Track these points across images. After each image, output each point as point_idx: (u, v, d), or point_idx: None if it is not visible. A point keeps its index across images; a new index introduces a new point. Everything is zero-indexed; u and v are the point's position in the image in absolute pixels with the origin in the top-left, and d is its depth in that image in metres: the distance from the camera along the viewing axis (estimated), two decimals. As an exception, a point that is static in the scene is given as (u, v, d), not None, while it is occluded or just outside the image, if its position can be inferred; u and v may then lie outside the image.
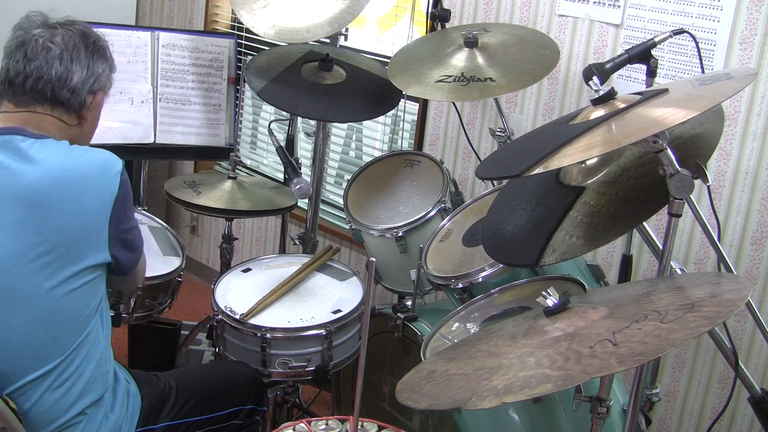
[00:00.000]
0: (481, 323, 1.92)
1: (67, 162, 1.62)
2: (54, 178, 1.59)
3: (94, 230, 1.62)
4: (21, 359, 1.60)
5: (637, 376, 1.51)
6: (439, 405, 1.30)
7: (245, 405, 1.97)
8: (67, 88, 1.67)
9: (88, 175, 1.62)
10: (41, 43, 1.67)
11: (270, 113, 3.64)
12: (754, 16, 2.21)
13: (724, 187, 2.32)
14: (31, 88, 1.66)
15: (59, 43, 1.68)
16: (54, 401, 1.63)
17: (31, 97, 1.66)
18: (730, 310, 1.23)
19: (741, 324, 2.34)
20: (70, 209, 1.59)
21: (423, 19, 2.67)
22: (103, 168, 1.64)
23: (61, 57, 1.67)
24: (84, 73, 1.69)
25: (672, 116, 1.35)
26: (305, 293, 2.31)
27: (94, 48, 1.73)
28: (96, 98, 1.73)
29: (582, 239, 1.56)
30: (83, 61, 1.70)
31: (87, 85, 1.70)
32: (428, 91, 2.24)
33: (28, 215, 1.57)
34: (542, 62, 2.23)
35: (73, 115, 1.71)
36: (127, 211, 1.69)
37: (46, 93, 1.66)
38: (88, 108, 1.72)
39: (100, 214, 1.62)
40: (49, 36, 1.68)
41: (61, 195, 1.59)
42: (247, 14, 2.54)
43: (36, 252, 1.57)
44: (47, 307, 1.60)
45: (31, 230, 1.57)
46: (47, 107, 1.67)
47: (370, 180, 2.57)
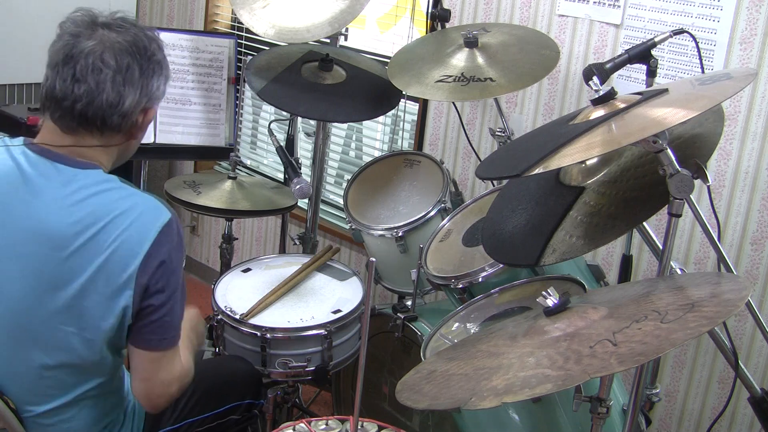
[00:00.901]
0: (481, 323, 1.92)
1: (109, 204, 1.52)
2: (89, 221, 1.49)
3: (117, 286, 1.50)
4: (42, 393, 1.56)
5: (637, 376, 1.51)
6: (439, 405, 1.30)
7: (243, 400, 1.96)
8: (118, 114, 1.53)
9: (124, 221, 1.50)
10: (91, 63, 1.50)
11: (270, 113, 3.64)
12: (754, 16, 2.21)
13: (724, 187, 2.32)
14: (79, 114, 1.51)
15: (111, 65, 1.51)
16: (76, 422, 1.62)
17: (78, 123, 1.52)
18: (730, 310, 1.23)
19: (741, 324, 2.34)
20: (97, 259, 1.48)
21: (423, 19, 2.67)
22: (143, 212, 1.53)
23: (113, 80, 1.51)
24: (137, 94, 1.55)
25: (672, 116, 1.35)
26: (305, 293, 2.31)
27: (149, 64, 1.57)
28: (148, 116, 1.60)
29: (582, 239, 1.56)
30: (137, 82, 1.54)
31: (140, 106, 1.56)
32: (428, 91, 2.24)
33: (53, 256, 1.48)
34: (542, 62, 2.23)
35: (122, 135, 1.58)
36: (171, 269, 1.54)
37: (96, 121, 1.52)
38: (139, 126, 1.60)
39: (129, 268, 1.50)
40: (100, 52, 1.51)
41: (91, 242, 1.48)
42: (247, 14, 2.54)
43: (58, 298, 1.50)
44: (66, 353, 1.54)
45: (50, 269, 1.48)
46: (96, 135, 1.54)
47: (370, 180, 2.57)
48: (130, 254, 1.49)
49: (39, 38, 3.66)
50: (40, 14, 3.63)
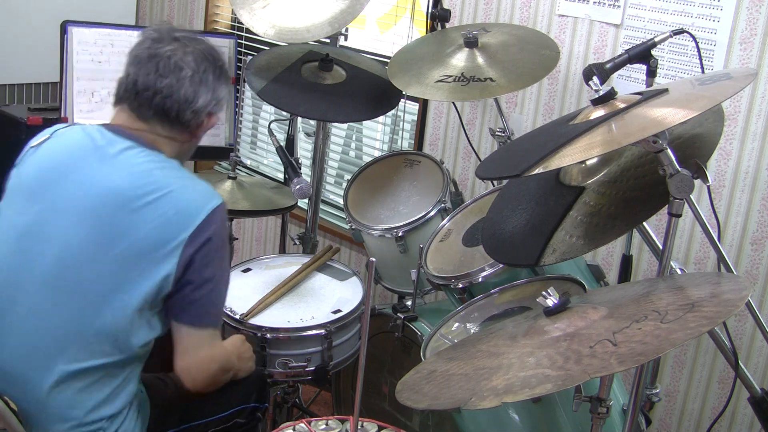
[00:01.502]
0: (481, 323, 1.92)
1: (169, 178, 1.67)
2: (151, 187, 1.63)
3: (166, 251, 1.61)
4: (62, 351, 1.61)
5: (637, 376, 1.51)
6: (439, 405, 1.30)
7: (248, 403, 1.95)
8: (191, 110, 1.71)
9: (179, 197, 1.65)
10: (174, 62, 1.69)
11: (270, 113, 3.64)
12: (754, 16, 2.21)
13: (724, 187, 2.32)
14: (158, 105, 1.69)
15: (191, 65, 1.71)
16: (83, 399, 1.64)
17: (154, 113, 1.70)
18: (730, 310, 1.23)
19: (741, 324, 2.34)
20: (152, 222, 1.61)
21: (423, 19, 2.67)
22: (196, 193, 1.68)
23: (192, 79, 1.70)
24: (209, 96, 1.74)
25: (672, 116, 1.35)
26: (305, 293, 2.31)
27: (221, 72, 1.77)
28: (211, 121, 1.78)
29: (582, 239, 1.56)
30: (210, 84, 1.74)
31: (209, 108, 1.75)
32: (428, 91, 2.24)
33: (115, 214, 1.61)
34: (542, 62, 2.23)
35: (187, 133, 1.76)
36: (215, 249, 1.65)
37: (171, 113, 1.70)
38: (202, 128, 1.77)
39: (179, 237, 1.61)
40: (181, 55, 1.71)
41: (150, 206, 1.62)
42: (247, 14, 2.54)
43: (108, 253, 1.61)
44: (95, 312, 1.61)
45: (108, 224, 1.61)
46: (166, 126, 1.72)
47: (370, 180, 2.57)
48: (183, 224, 1.62)
49: (39, 38, 3.70)
50: (40, 14, 3.63)
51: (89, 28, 2.78)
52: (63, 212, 1.63)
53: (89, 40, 2.78)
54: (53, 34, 2.82)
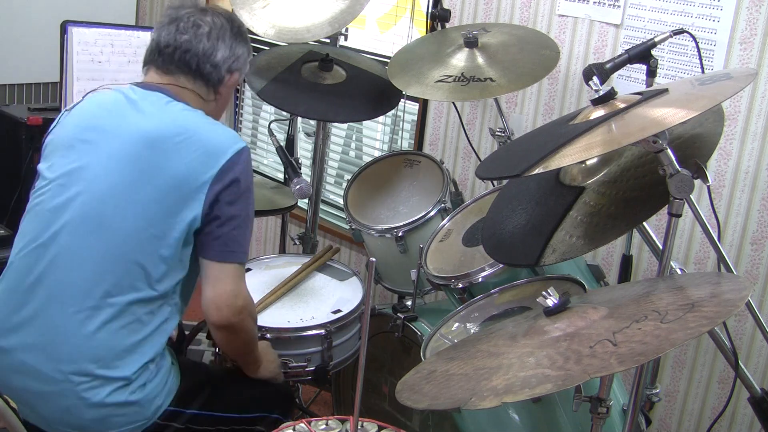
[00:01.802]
0: (481, 323, 1.92)
1: (197, 121, 1.78)
2: (180, 129, 1.73)
3: (194, 187, 1.70)
4: (98, 283, 1.69)
5: (637, 376, 1.51)
6: (439, 405, 1.30)
7: (272, 413, 1.95)
8: (210, 63, 1.82)
9: (206, 139, 1.74)
10: (192, 21, 1.82)
11: (270, 113, 3.64)
12: (754, 16, 2.21)
13: (724, 187, 2.32)
14: (179, 59, 1.81)
15: (208, 22, 1.83)
16: (114, 340, 1.69)
17: (177, 67, 1.82)
18: (730, 310, 1.23)
19: (741, 324, 2.34)
20: (182, 160, 1.70)
21: (423, 19, 2.67)
22: (222, 136, 1.77)
23: (209, 35, 1.82)
24: (227, 52, 1.84)
25: (672, 116, 1.35)
26: (305, 293, 2.31)
27: (239, 32, 1.88)
28: (233, 77, 1.88)
29: (582, 239, 1.56)
30: (228, 41, 1.84)
31: (227, 63, 1.85)
32: (428, 91, 2.24)
33: (149, 154, 1.71)
34: (542, 62, 2.23)
35: (211, 89, 1.86)
36: (242, 187, 1.74)
37: (192, 65, 1.81)
38: (225, 84, 1.88)
39: (206, 174, 1.70)
40: (199, 15, 1.83)
41: (180, 145, 1.71)
42: (247, 14, 2.54)
43: (142, 190, 1.69)
44: (129, 245, 1.69)
45: (145, 168, 1.70)
46: (189, 79, 1.83)
47: (370, 180, 2.57)
48: (210, 163, 1.71)
49: (39, 38, 3.70)
50: (40, 14, 3.63)
51: (89, 28, 2.78)
52: (100, 157, 1.73)
53: (89, 40, 2.78)
54: (53, 34, 2.83)
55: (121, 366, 1.69)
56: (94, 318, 1.67)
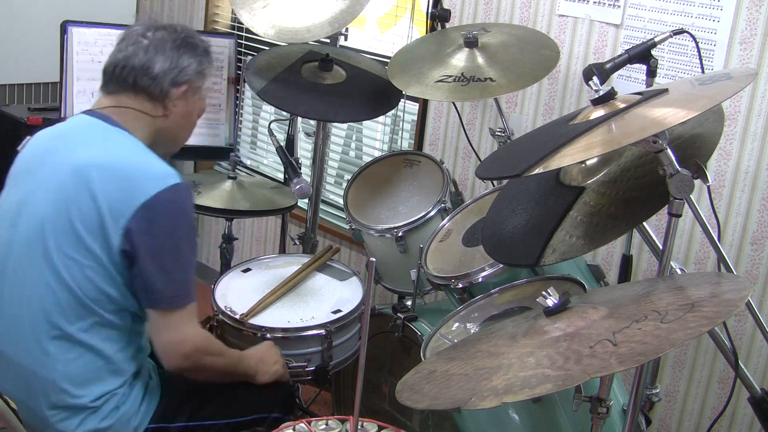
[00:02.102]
0: (481, 323, 1.92)
1: (128, 155, 1.72)
2: (108, 162, 1.69)
3: (113, 224, 1.65)
4: (47, 315, 1.68)
5: (637, 376, 1.51)
6: (439, 405, 1.30)
7: (270, 413, 1.93)
8: (148, 76, 1.76)
9: (133, 173, 1.69)
10: (134, 37, 1.78)
11: (270, 113, 3.64)
12: (754, 16, 2.21)
13: (724, 187, 2.32)
14: (118, 76, 1.77)
15: (150, 37, 1.78)
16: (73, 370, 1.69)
17: (116, 85, 1.78)
18: (730, 310, 1.23)
19: (741, 324, 2.34)
20: (105, 195, 1.65)
21: (423, 19, 2.67)
22: (149, 172, 1.69)
23: (147, 48, 1.77)
24: (167, 63, 1.77)
25: (672, 116, 1.35)
26: (305, 293, 2.31)
27: (183, 43, 1.81)
28: (179, 90, 1.80)
29: (582, 239, 1.56)
30: (168, 53, 1.78)
31: (169, 75, 1.78)
32: (428, 91, 2.24)
33: (76, 186, 1.67)
34: (542, 62, 2.23)
35: (157, 104, 1.79)
36: (163, 229, 1.67)
37: (129, 80, 1.76)
38: (170, 98, 1.79)
39: (125, 212, 1.65)
40: (143, 31, 1.79)
41: (104, 179, 1.66)
42: (247, 14, 2.54)
43: (71, 223, 1.66)
44: (67, 276, 1.66)
45: (70, 199, 1.67)
46: (131, 96, 1.77)
47: (370, 180, 2.57)
48: (132, 199, 1.64)
49: (39, 38, 3.70)
50: (40, 14, 3.63)
51: (89, 28, 2.78)
52: (40, 190, 1.72)
53: (89, 40, 2.78)
54: (53, 34, 2.82)
55: (86, 394, 1.69)
56: (49, 351, 1.67)
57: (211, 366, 1.79)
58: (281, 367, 1.99)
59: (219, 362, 1.82)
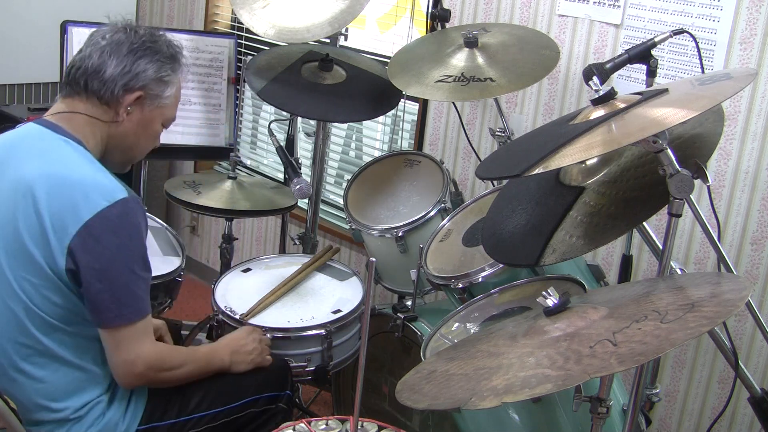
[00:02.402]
0: (481, 323, 1.92)
1: (67, 169, 1.65)
2: (51, 177, 1.63)
3: (58, 240, 1.60)
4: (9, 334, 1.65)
5: (637, 376, 1.51)
6: (439, 405, 1.30)
7: (261, 394, 1.90)
8: (99, 79, 1.71)
9: (76, 189, 1.62)
10: (95, 38, 1.74)
11: (270, 113, 3.64)
12: (754, 16, 2.21)
13: (724, 187, 2.32)
14: (72, 77, 1.73)
15: (108, 39, 1.73)
16: (46, 386, 1.66)
17: (71, 87, 1.73)
18: (730, 310, 1.23)
19: (741, 324, 2.34)
20: (51, 209, 1.60)
21: (423, 19, 2.67)
22: (94, 188, 1.62)
23: (102, 50, 1.72)
24: (119, 68, 1.71)
25: (672, 116, 1.35)
26: (305, 293, 2.31)
27: (141, 47, 1.74)
28: (131, 96, 1.73)
29: (582, 239, 1.56)
30: (122, 57, 1.72)
31: (121, 80, 1.71)
32: (428, 91, 2.24)
33: (22, 199, 1.62)
34: (542, 62, 2.23)
35: (110, 109, 1.73)
36: (107, 247, 1.61)
37: (80, 82, 1.71)
38: (121, 104, 1.73)
39: (70, 228, 1.59)
40: (104, 33, 1.75)
41: (50, 193, 1.61)
42: (247, 14, 2.54)
43: (12, 237, 1.62)
44: (20, 293, 1.63)
45: (18, 216, 1.62)
46: (83, 99, 1.72)
47: (370, 180, 2.57)
48: (76, 216, 1.59)
49: (39, 38, 3.70)
50: (40, 14, 3.63)
51: (89, 28, 2.77)
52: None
53: (89, 40, 2.78)
54: (53, 34, 2.82)
55: (67, 406, 1.67)
56: (24, 369, 1.65)
57: (168, 379, 1.75)
58: (258, 355, 1.94)
59: (178, 374, 1.77)
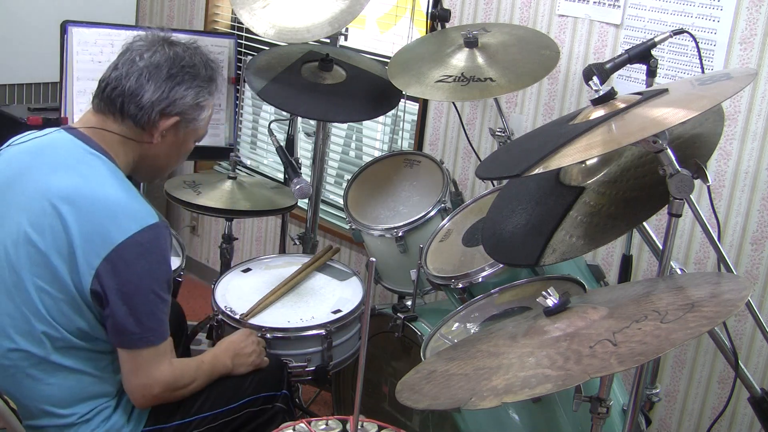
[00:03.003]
0: (481, 323, 1.92)
1: (99, 189, 1.63)
2: (82, 195, 1.62)
3: (84, 260, 1.59)
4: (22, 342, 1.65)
5: (637, 376, 1.51)
6: (439, 405, 1.30)
7: (258, 394, 1.92)
8: (135, 104, 1.68)
9: (109, 211, 1.61)
10: (132, 57, 1.70)
11: (270, 113, 3.64)
12: (754, 16, 2.21)
13: (724, 187, 2.32)
14: (107, 96, 1.70)
15: (146, 60, 1.69)
16: (54, 393, 1.67)
17: (106, 105, 1.70)
18: (730, 310, 1.23)
19: (741, 324, 2.34)
20: (80, 228, 1.59)
21: (423, 19, 2.67)
22: (125, 212, 1.62)
23: (140, 73, 1.68)
24: (157, 94, 1.69)
25: (672, 116, 1.35)
26: (305, 293, 2.31)
27: (180, 71, 1.71)
28: (168, 122, 1.72)
29: (582, 239, 1.56)
30: (160, 82, 1.69)
31: (158, 106, 1.69)
32: (428, 91, 2.24)
33: (49, 213, 1.61)
34: (542, 62, 2.23)
35: (143, 132, 1.72)
36: (135, 271, 1.61)
37: (117, 103, 1.69)
38: (157, 128, 1.71)
39: (99, 249, 1.59)
40: (143, 51, 1.71)
41: (82, 211, 1.60)
42: (247, 14, 2.54)
43: (36, 249, 1.61)
44: (37, 305, 1.62)
45: (45, 228, 1.61)
46: (117, 120, 1.70)
47: (370, 180, 2.57)
48: (108, 236, 1.59)
49: (39, 38, 3.70)
50: (40, 14, 3.63)
51: (89, 28, 2.78)
52: (13, 214, 1.66)
53: (89, 40, 2.78)
54: (53, 34, 2.82)
55: (75, 412, 1.68)
56: (33, 375, 1.65)
57: (181, 396, 1.77)
58: (257, 357, 1.95)
59: (190, 389, 1.79)
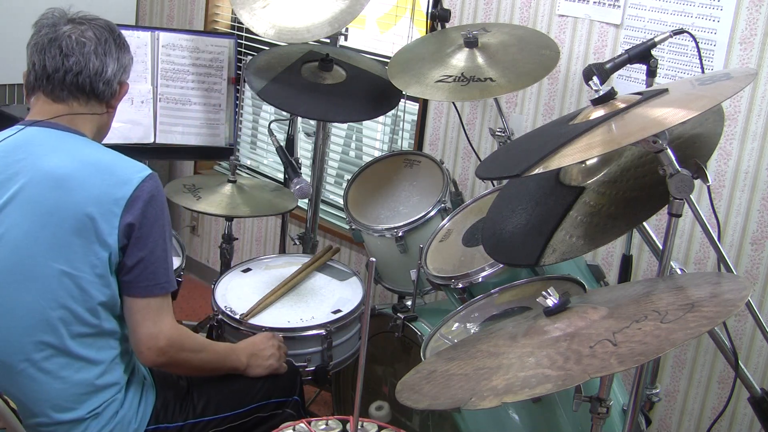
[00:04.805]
0: (481, 323, 1.92)
1: (96, 155, 1.71)
2: (81, 165, 1.67)
3: (105, 221, 1.63)
4: (34, 335, 1.65)
5: (637, 376, 1.51)
6: (439, 405, 1.30)
7: (269, 399, 1.93)
8: (103, 81, 1.76)
9: (111, 169, 1.68)
10: (75, 39, 1.74)
11: (270, 113, 3.64)
12: (754, 16, 2.21)
13: (724, 187, 2.32)
14: (71, 83, 1.73)
15: (92, 38, 1.75)
16: (63, 383, 1.67)
17: (69, 92, 1.74)
18: (730, 310, 1.23)
19: (741, 324, 2.34)
20: (89, 196, 1.63)
21: (423, 19, 2.67)
22: (124, 168, 1.69)
23: (96, 51, 1.75)
24: (116, 65, 1.78)
25: (672, 116, 1.35)
26: (305, 293, 2.31)
27: (120, 41, 1.82)
28: (123, 88, 1.83)
29: (582, 239, 1.56)
30: (114, 54, 1.78)
31: (118, 76, 1.80)
32: (428, 91, 2.24)
33: (53, 195, 1.63)
34: (542, 62, 2.23)
35: (103, 104, 1.80)
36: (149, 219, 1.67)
37: (85, 87, 1.74)
38: (117, 98, 1.82)
39: (115, 206, 1.64)
40: (80, 32, 1.75)
41: (83, 181, 1.64)
42: (247, 14, 2.54)
43: (54, 233, 1.63)
44: (55, 291, 1.63)
45: (51, 211, 1.63)
46: (83, 102, 1.76)
47: (370, 180, 2.57)
48: (118, 193, 1.64)
49: (39, 38, 3.66)
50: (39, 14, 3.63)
51: (89, 28, 2.78)
52: (12, 209, 1.66)
53: (89, 40, 2.78)
54: (53, 34, 2.82)
55: (85, 407, 1.68)
56: (41, 369, 1.65)
57: (187, 362, 1.78)
58: (276, 361, 1.96)
59: (197, 358, 1.80)
